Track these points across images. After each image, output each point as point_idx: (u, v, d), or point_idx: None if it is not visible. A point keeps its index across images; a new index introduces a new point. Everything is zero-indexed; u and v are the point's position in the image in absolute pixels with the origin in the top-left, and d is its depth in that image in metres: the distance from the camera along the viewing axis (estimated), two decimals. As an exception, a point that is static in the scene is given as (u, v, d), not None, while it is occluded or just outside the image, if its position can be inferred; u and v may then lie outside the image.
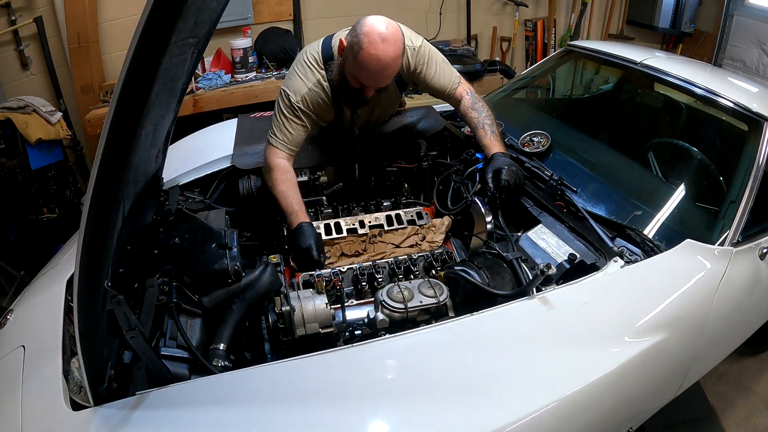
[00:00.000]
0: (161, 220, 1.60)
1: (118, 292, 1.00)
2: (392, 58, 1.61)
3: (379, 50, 1.58)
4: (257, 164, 2.01)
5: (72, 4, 2.97)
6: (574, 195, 1.72)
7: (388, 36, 1.59)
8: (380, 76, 1.66)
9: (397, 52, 1.62)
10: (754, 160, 1.70)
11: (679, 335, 1.40)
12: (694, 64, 2.36)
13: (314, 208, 2.02)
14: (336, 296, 1.60)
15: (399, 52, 1.64)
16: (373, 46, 1.57)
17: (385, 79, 1.70)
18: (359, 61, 1.60)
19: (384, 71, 1.64)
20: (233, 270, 1.41)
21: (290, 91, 1.79)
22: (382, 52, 1.58)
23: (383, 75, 1.66)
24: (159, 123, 1.40)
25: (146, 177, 1.57)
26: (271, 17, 3.63)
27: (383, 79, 1.69)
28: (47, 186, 2.84)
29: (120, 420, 1.06)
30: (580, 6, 4.51)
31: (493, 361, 1.20)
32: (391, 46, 1.59)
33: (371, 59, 1.59)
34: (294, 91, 1.78)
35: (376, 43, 1.57)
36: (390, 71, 1.66)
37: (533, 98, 2.85)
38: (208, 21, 1.28)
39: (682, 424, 2.10)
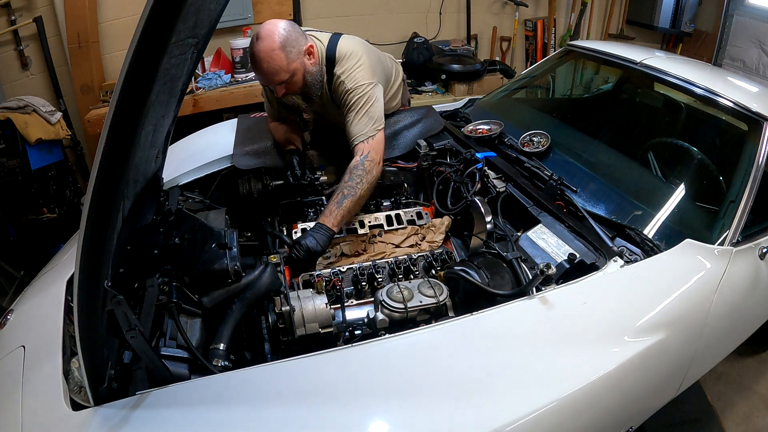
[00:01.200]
0: (161, 220, 1.60)
1: (118, 292, 1.00)
2: (264, 52, 1.69)
3: (254, 47, 1.71)
4: (257, 164, 2.01)
5: (72, 4, 2.97)
6: (574, 195, 1.72)
7: (263, 34, 1.70)
8: (259, 72, 1.75)
9: (269, 47, 1.69)
10: (753, 160, 1.70)
11: (679, 335, 1.40)
12: (694, 63, 2.36)
13: (314, 208, 2.02)
14: (336, 296, 1.60)
15: (272, 47, 1.69)
16: (253, 45, 1.72)
17: (271, 74, 1.74)
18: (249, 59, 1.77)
19: (262, 66, 1.72)
20: (233, 270, 1.41)
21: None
22: (256, 49, 1.70)
23: (263, 71, 1.73)
24: (159, 123, 1.40)
25: (146, 177, 1.57)
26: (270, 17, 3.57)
27: (264, 75, 1.75)
28: (47, 186, 2.84)
29: (120, 420, 1.06)
30: (580, 6, 4.51)
31: (493, 361, 1.20)
32: (263, 41, 1.69)
33: (251, 56, 1.74)
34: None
35: (253, 41, 1.72)
36: (265, 66, 1.71)
37: (533, 98, 2.85)
38: (208, 21, 1.29)
39: (682, 424, 2.10)
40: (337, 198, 1.74)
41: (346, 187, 1.75)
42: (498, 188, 1.85)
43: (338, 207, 1.72)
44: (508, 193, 1.85)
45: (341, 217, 1.72)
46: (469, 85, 3.72)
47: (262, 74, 1.76)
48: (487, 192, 1.88)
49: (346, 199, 1.73)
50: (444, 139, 2.22)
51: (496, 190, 1.85)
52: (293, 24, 1.78)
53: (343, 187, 1.76)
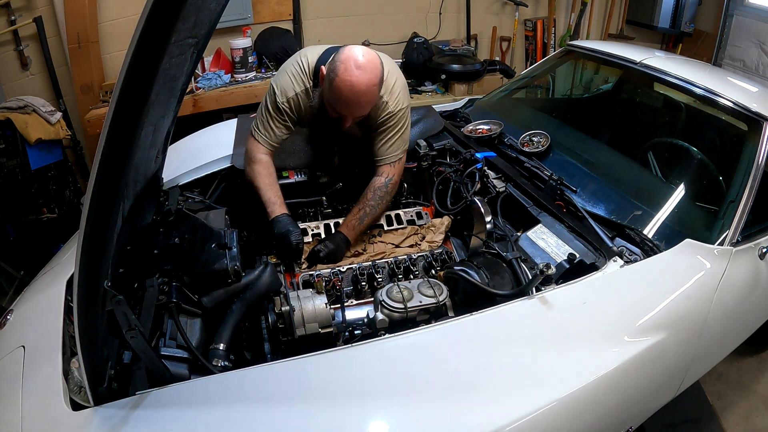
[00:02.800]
0: (161, 220, 1.60)
1: (118, 292, 1.00)
2: (366, 85, 1.58)
3: (354, 77, 1.56)
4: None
5: (72, 4, 2.97)
6: (574, 195, 1.72)
7: (364, 64, 1.58)
8: (355, 105, 1.63)
9: (372, 80, 1.59)
10: (753, 160, 1.71)
11: (679, 335, 1.40)
12: (694, 63, 2.36)
13: (314, 208, 2.02)
14: (336, 296, 1.60)
15: (374, 81, 1.61)
16: (348, 72, 1.56)
17: (360, 108, 1.65)
18: (334, 87, 1.59)
19: (358, 99, 1.61)
20: (233, 270, 1.41)
21: (278, 89, 1.78)
22: (357, 79, 1.57)
23: (358, 103, 1.62)
24: (159, 123, 1.40)
25: (146, 177, 1.57)
26: (270, 17, 3.63)
27: (358, 108, 1.65)
28: (47, 186, 2.84)
29: (120, 420, 1.06)
30: (579, 6, 4.51)
31: (492, 361, 1.20)
32: (366, 74, 1.58)
33: (345, 85, 1.57)
34: (281, 90, 1.77)
35: (351, 70, 1.56)
36: (365, 99, 1.62)
37: (533, 98, 2.85)
38: (208, 21, 1.29)
39: (681, 424, 2.10)
40: (359, 215, 1.81)
41: (368, 206, 1.82)
42: (498, 188, 1.85)
43: (359, 223, 1.81)
44: (508, 193, 1.85)
45: (360, 232, 1.82)
46: (469, 85, 3.71)
47: (354, 106, 1.63)
48: (486, 192, 1.88)
49: (366, 217, 1.81)
50: (444, 139, 2.22)
51: (495, 190, 1.85)
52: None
53: (365, 205, 1.82)
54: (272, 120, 1.80)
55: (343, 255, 1.77)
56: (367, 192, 1.84)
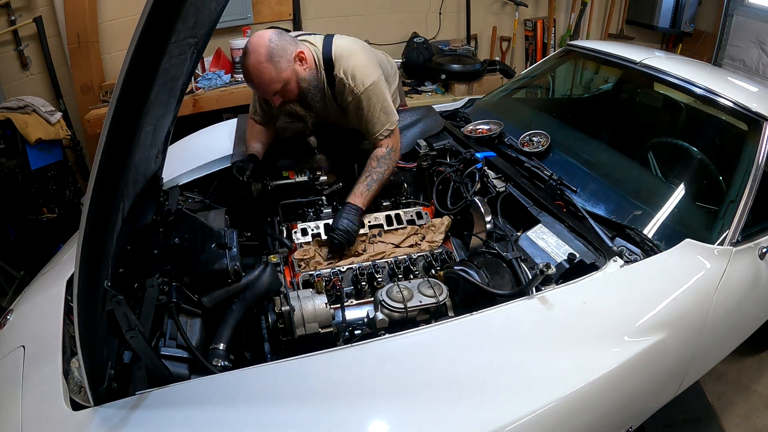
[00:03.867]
0: (161, 220, 1.60)
1: (118, 292, 1.00)
2: (253, 66, 1.68)
3: (243, 62, 1.71)
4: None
5: (72, 4, 2.97)
6: (574, 195, 1.72)
7: (250, 48, 1.69)
8: (257, 85, 1.75)
9: (258, 60, 1.67)
10: (753, 160, 1.70)
11: (679, 335, 1.40)
12: (694, 63, 2.36)
13: (314, 208, 2.02)
14: (336, 296, 1.60)
15: (260, 59, 1.67)
16: (242, 59, 1.72)
17: (264, 86, 1.73)
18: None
19: (253, 80, 1.72)
20: (233, 270, 1.41)
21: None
22: (245, 64, 1.71)
23: (259, 83, 1.72)
24: (159, 123, 1.40)
25: (146, 177, 1.57)
26: (270, 17, 3.63)
27: (262, 87, 1.74)
28: (47, 186, 2.84)
29: (120, 420, 1.06)
30: (579, 6, 4.51)
31: (492, 361, 1.20)
32: (251, 56, 1.68)
33: (244, 73, 1.74)
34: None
35: (243, 56, 1.72)
36: (262, 78, 1.70)
37: (533, 98, 2.85)
38: (208, 21, 1.29)
39: (681, 424, 2.10)
40: (367, 181, 1.87)
41: (375, 173, 1.88)
42: (498, 188, 1.85)
43: (368, 189, 1.86)
44: (508, 193, 1.85)
45: (369, 199, 1.87)
46: (469, 85, 3.71)
47: (255, 88, 1.78)
48: (486, 192, 1.88)
49: (374, 183, 1.87)
50: (444, 139, 2.22)
51: (495, 190, 1.85)
52: (280, 33, 1.75)
53: (372, 172, 1.88)
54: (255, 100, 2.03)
55: (357, 228, 1.80)
56: (370, 161, 1.90)
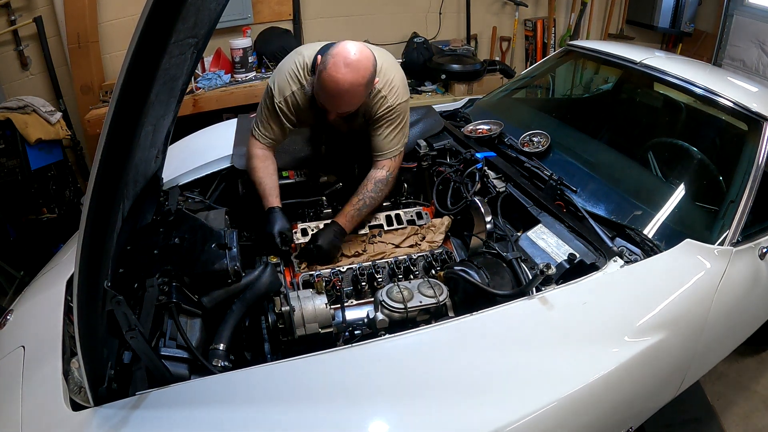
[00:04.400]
0: (161, 220, 1.60)
1: (118, 292, 1.00)
2: (351, 84, 1.56)
3: (339, 74, 1.55)
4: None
5: (72, 4, 2.97)
6: (574, 195, 1.72)
7: (354, 62, 1.56)
8: (337, 101, 1.62)
9: (357, 80, 1.57)
10: (753, 160, 1.70)
11: (679, 335, 1.40)
12: (694, 63, 2.36)
13: (314, 208, 2.02)
14: (336, 296, 1.60)
15: (361, 81, 1.58)
16: (336, 68, 1.55)
17: (342, 105, 1.64)
18: (321, 80, 1.59)
19: (341, 96, 1.59)
20: (233, 270, 1.41)
21: (275, 89, 1.78)
22: (342, 77, 1.55)
23: (341, 99, 1.61)
24: (159, 123, 1.40)
25: (146, 177, 1.57)
26: (270, 17, 3.63)
27: (341, 104, 1.64)
28: (47, 186, 2.84)
29: (120, 420, 1.06)
30: (579, 6, 4.51)
31: (493, 361, 1.20)
32: (352, 72, 1.56)
33: (330, 81, 1.57)
34: (279, 90, 1.78)
35: (339, 66, 1.55)
36: (348, 98, 1.61)
37: (533, 98, 2.85)
38: (208, 21, 1.29)
39: (681, 424, 2.10)
40: (358, 205, 1.81)
41: (368, 198, 1.82)
42: (498, 188, 1.85)
43: (358, 213, 1.81)
44: (508, 193, 1.85)
45: (357, 222, 1.82)
46: (469, 85, 3.71)
47: (337, 102, 1.63)
48: (487, 192, 1.88)
49: (365, 208, 1.82)
50: (444, 139, 2.22)
51: (496, 190, 1.85)
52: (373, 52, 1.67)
53: (365, 196, 1.82)
54: (270, 119, 1.81)
55: (339, 249, 1.76)
56: (366, 183, 1.84)
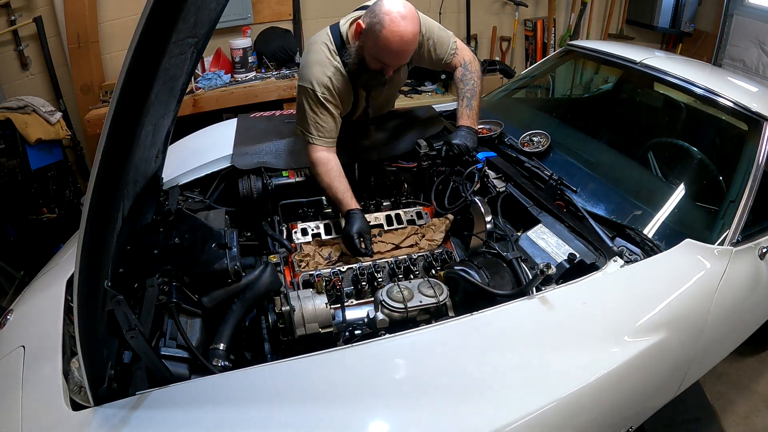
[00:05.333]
0: (161, 220, 1.60)
1: (118, 292, 1.00)
2: (413, 34, 1.66)
3: (401, 27, 1.63)
4: (257, 164, 2.01)
5: (72, 4, 2.97)
6: (574, 195, 1.72)
7: (408, 14, 1.64)
8: (403, 54, 1.71)
9: (416, 29, 1.68)
10: (753, 160, 1.70)
11: (679, 335, 1.40)
12: (694, 63, 2.36)
13: (314, 208, 2.02)
14: (336, 296, 1.60)
15: (418, 29, 1.69)
16: (395, 24, 1.62)
17: (406, 57, 1.74)
18: (382, 39, 1.64)
19: (407, 48, 1.69)
20: (233, 270, 1.41)
21: (314, 84, 1.79)
22: (405, 29, 1.63)
23: (406, 52, 1.71)
24: (159, 123, 1.40)
25: (146, 177, 1.57)
26: (270, 17, 3.63)
27: (405, 57, 1.74)
28: (47, 186, 2.84)
29: (120, 420, 1.06)
30: (579, 6, 4.51)
31: (492, 361, 1.20)
32: (411, 23, 1.65)
33: (394, 37, 1.63)
34: (317, 82, 1.79)
35: (397, 21, 1.62)
36: (411, 48, 1.71)
37: (533, 98, 2.85)
38: (208, 21, 1.29)
39: (681, 424, 2.10)
40: (465, 102, 1.94)
41: (467, 92, 1.95)
42: (498, 188, 1.85)
43: (470, 109, 1.93)
44: (508, 193, 1.85)
45: (476, 116, 1.96)
46: (469, 85, 3.71)
47: (403, 55, 1.71)
48: (487, 192, 1.88)
49: (472, 100, 1.94)
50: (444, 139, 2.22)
51: (496, 190, 1.85)
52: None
53: (464, 93, 1.95)
54: (319, 116, 1.82)
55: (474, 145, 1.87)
56: (457, 84, 1.99)
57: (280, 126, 2.24)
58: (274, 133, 2.16)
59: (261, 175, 1.99)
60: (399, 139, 2.17)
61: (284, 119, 2.34)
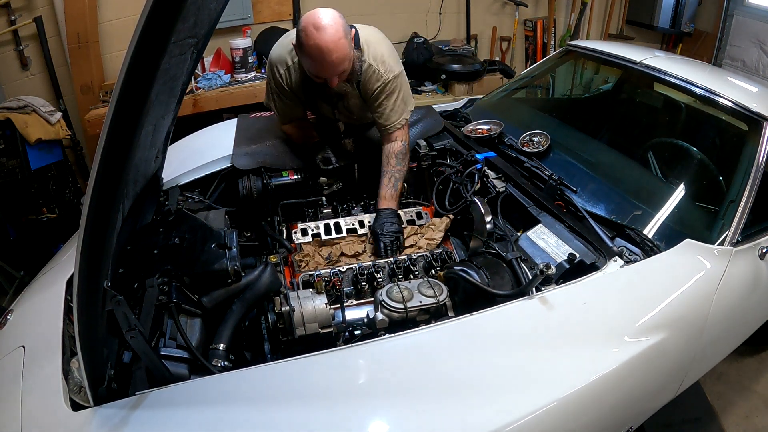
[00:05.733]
0: (161, 220, 1.60)
1: (118, 292, 1.00)
2: (331, 42, 1.62)
3: (316, 38, 1.61)
4: (257, 164, 2.01)
5: (72, 4, 2.97)
6: (574, 195, 1.72)
7: (322, 24, 1.61)
8: (326, 63, 1.66)
9: (336, 35, 1.63)
10: (753, 160, 1.70)
11: (679, 335, 1.40)
12: (694, 63, 2.36)
13: (314, 208, 2.02)
14: (336, 296, 1.60)
15: (339, 35, 1.64)
16: (310, 36, 1.61)
17: (336, 65, 1.68)
18: (305, 54, 1.66)
19: (330, 58, 1.64)
20: (233, 270, 1.41)
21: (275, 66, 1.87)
22: (320, 40, 1.61)
23: (328, 61, 1.65)
24: (159, 123, 1.40)
25: (146, 177, 1.57)
26: (270, 17, 3.63)
27: (332, 66, 1.67)
28: (47, 186, 2.84)
29: (120, 420, 1.06)
30: (579, 6, 4.51)
31: (492, 361, 1.20)
32: (326, 31, 1.61)
33: (312, 50, 1.63)
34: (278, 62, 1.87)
35: (311, 33, 1.61)
36: (336, 56, 1.65)
37: (533, 98, 2.85)
38: (208, 21, 1.29)
39: (681, 424, 2.10)
40: (391, 182, 1.92)
41: (397, 172, 1.93)
42: (498, 188, 1.85)
43: (394, 190, 1.91)
44: (508, 193, 1.85)
45: (398, 197, 1.94)
46: (469, 85, 3.71)
47: (328, 65, 1.67)
48: (486, 192, 1.88)
49: (399, 182, 1.94)
50: (444, 139, 2.22)
51: (495, 190, 1.85)
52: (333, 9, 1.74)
53: (393, 172, 1.93)
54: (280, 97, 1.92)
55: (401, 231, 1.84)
56: (389, 159, 1.94)
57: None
58: (274, 133, 2.16)
59: (261, 175, 1.99)
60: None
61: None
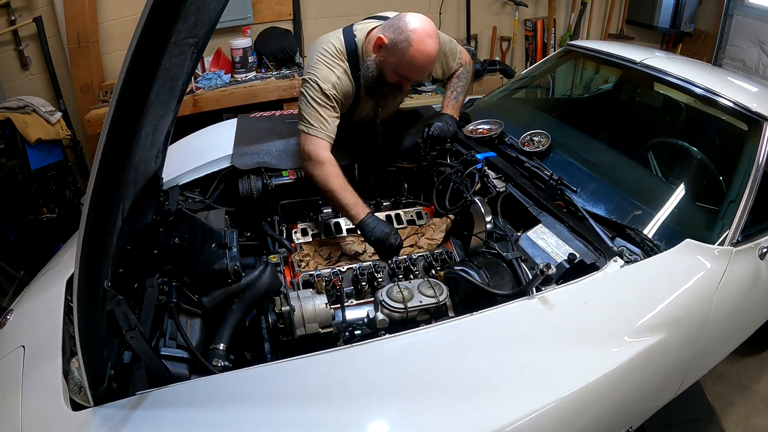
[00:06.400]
0: (161, 220, 1.60)
1: (118, 292, 1.00)
2: (437, 51, 1.73)
3: (428, 46, 1.68)
4: (257, 164, 2.01)
5: (72, 4, 2.97)
6: (574, 195, 1.72)
7: (432, 32, 1.70)
8: (426, 71, 1.79)
9: (438, 46, 1.74)
10: (753, 160, 1.70)
11: (679, 335, 1.40)
12: (694, 63, 2.36)
13: (314, 208, 2.02)
14: (336, 296, 1.60)
15: (439, 46, 1.76)
16: (423, 42, 1.67)
17: (427, 72, 1.83)
18: (408, 57, 1.69)
19: (431, 66, 1.77)
20: (233, 270, 1.41)
21: (319, 80, 1.77)
22: (431, 48, 1.69)
23: (429, 69, 1.80)
24: (159, 123, 1.40)
25: (146, 177, 1.57)
26: (270, 17, 3.63)
27: (426, 72, 1.84)
28: (47, 186, 2.84)
29: (120, 420, 1.06)
30: (579, 6, 4.51)
31: (493, 361, 1.20)
32: (435, 41, 1.71)
33: (422, 55, 1.69)
34: (323, 79, 1.77)
35: (424, 39, 1.67)
36: (433, 65, 1.82)
37: (533, 98, 2.85)
38: (208, 21, 1.28)
39: (681, 424, 2.10)
40: (453, 95, 2.10)
41: (459, 87, 2.12)
42: (498, 188, 1.85)
43: (456, 101, 2.10)
44: (508, 193, 1.85)
45: (460, 108, 2.13)
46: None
47: (424, 72, 1.81)
48: (487, 192, 1.88)
49: (460, 95, 2.11)
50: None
51: (496, 190, 1.85)
52: None
53: (455, 87, 2.11)
54: (322, 110, 1.77)
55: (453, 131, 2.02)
56: (452, 79, 2.12)
57: (280, 126, 2.24)
58: (274, 133, 2.16)
59: (261, 175, 1.99)
60: (400, 139, 2.17)
61: (284, 119, 2.34)
